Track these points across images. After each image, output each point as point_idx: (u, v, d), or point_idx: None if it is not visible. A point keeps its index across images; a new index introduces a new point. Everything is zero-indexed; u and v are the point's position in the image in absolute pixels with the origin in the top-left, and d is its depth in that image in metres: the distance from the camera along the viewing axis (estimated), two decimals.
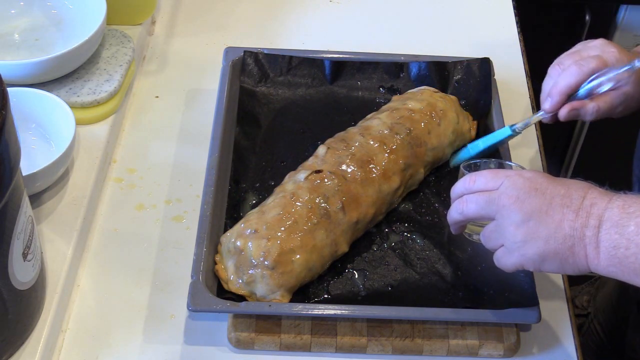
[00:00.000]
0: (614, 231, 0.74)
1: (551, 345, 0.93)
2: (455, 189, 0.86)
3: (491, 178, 0.81)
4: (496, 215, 0.80)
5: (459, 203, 0.84)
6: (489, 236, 0.83)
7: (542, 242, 0.77)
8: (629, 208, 0.74)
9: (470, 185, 0.83)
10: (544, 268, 0.79)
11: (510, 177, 0.80)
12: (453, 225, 0.89)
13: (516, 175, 0.80)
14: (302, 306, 0.88)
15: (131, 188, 1.05)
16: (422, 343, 0.90)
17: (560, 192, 0.77)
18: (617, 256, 0.74)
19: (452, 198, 0.87)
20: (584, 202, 0.76)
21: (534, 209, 0.77)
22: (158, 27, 1.27)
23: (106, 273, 0.97)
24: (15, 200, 0.78)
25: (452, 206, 0.86)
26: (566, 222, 0.76)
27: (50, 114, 1.02)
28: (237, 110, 1.09)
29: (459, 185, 0.86)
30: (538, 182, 0.78)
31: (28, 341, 0.87)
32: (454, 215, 0.86)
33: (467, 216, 0.84)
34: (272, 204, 0.93)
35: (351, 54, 1.15)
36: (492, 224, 0.82)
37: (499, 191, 0.80)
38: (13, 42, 1.14)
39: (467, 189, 0.84)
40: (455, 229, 0.89)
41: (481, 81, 1.11)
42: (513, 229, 0.78)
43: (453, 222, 0.87)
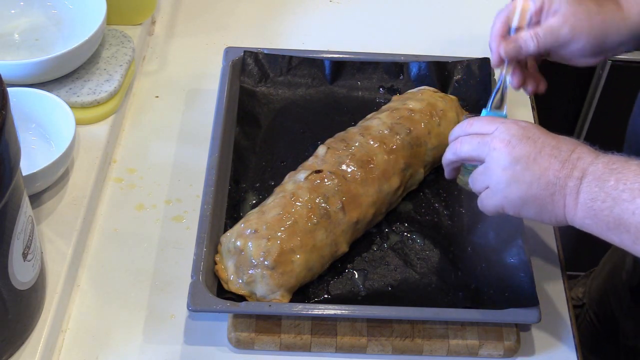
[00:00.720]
0: (595, 184, 0.76)
1: (551, 345, 0.93)
2: (453, 132, 0.88)
3: (487, 122, 0.84)
4: (486, 158, 0.82)
5: (454, 144, 0.86)
6: (477, 178, 0.85)
7: (525, 186, 0.79)
8: (612, 165, 0.76)
9: (466, 128, 0.85)
10: (522, 213, 0.81)
11: (505, 123, 0.82)
12: (447, 167, 0.90)
13: (511, 122, 0.82)
14: (302, 306, 0.88)
15: (131, 188, 1.05)
16: (422, 343, 0.90)
17: (551, 143, 0.79)
18: (593, 208, 0.76)
19: (449, 140, 0.89)
20: (571, 155, 0.78)
21: (522, 154, 0.79)
22: (158, 27, 1.27)
23: (106, 273, 0.97)
24: (15, 200, 0.78)
25: (448, 147, 0.88)
26: (551, 170, 0.78)
27: (50, 114, 1.02)
28: (237, 110, 1.09)
29: (456, 128, 0.88)
30: (531, 131, 0.81)
31: (28, 341, 0.87)
32: (448, 155, 0.88)
33: (460, 156, 0.86)
34: (272, 204, 0.93)
35: (351, 54, 1.15)
36: (481, 166, 0.84)
37: (493, 135, 0.82)
38: (13, 42, 1.14)
39: (463, 131, 0.86)
40: (449, 170, 0.91)
41: (481, 81, 1.11)
42: (500, 171, 0.81)
43: (447, 162, 0.89)
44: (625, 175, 0.74)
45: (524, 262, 0.92)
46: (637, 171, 0.74)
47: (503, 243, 0.95)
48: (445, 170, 0.92)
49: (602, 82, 1.78)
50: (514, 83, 0.97)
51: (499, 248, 0.96)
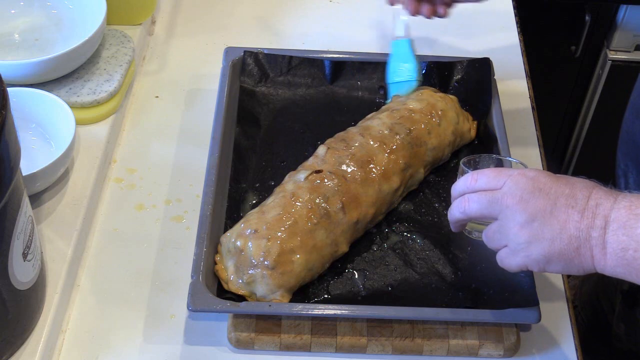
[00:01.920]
0: (622, 232, 0.73)
1: (551, 345, 0.93)
2: (457, 187, 0.85)
3: (494, 177, 0.80)
4: (499, 216, 0.79)
5: (461, 202, 0.83)
6: (492, 237, 0.82)
7: (547, 243, 0.76)
8: (636, 209, 0.73)
9: (472, 184, 0.82)
10: (549, 269, 0.78)
11: (513, 177, 0.79)
12: (454, 224, 0.88)
13: (519, 175, 0.79)
14: (302, 306, 0.88)
15: (131, 188, 1.05)
16: (422, 343, 0.90)
17: (565, 192, 0.76)
18: (625, 257, 0.73)
19: (453, 196, 0.86)
20: (589, 202, 0.75)
21: (538, 209, 0.76)
22: (158, 27, 1.27)
23: (106, 273, 0.97)
24: (15, 200, 0.78)
25: (454, 204, 0.85)
26: (571, 222, 0.75)
27: (50, 114, 1.02)
28: (237, 110, 1.09)
29: (460, 183, 0.84)
30: (542, 182, 0.78)
31: (28, 341, 0.87)
32: (456, 214, 0.85)
33: (469, 215, 0.83)
34: (272, 204, 0.93)
35: (351, 54, 1.15)
36: (495, 224, 0.81)
37: (502, 191, 0.79)
38: (13, 42, 1.14)
39: (469, 188, 0.83)
40: (456, 227, 0.89)
41: (481, 81, 1.11)
42: (517, 229, 0.78)
43: (454, 220, 0.87)
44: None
45: None
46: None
47: None
48: (452, 226, 0.89)
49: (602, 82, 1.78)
50: (409, 10, 1.03)
51: None
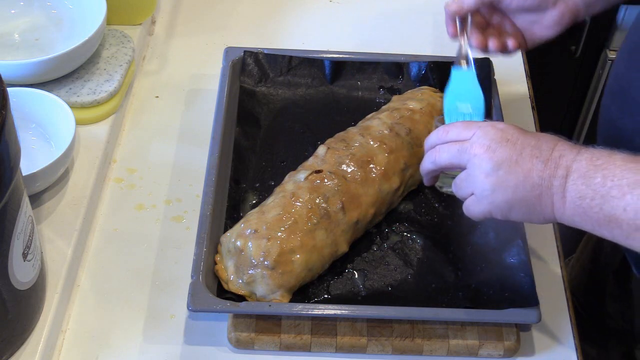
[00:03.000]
0: (581, 182, 0.75)
1: (551, 345, 0.93)
2: (429, 140, 0.87)
3: (464, 128, 0.82)
4: (467, 164, 0.81)
5: (432, 153, 0.85)
6: (460, 185, 0.84)
7: (511, 191, 0.79)
8: (596, 160, 0.75)
9: (443, 136, 0.84)
10: (511, 216, 0.81)
11: (483, 128, 0.81)
12: (426, 176, 0.90)
13: (489, 126, 0.81)
14: (302, 306, 0.88)
15: (131, 188, 1.05)
16: (422, 343, 0.90)
17: (531, 143, 0.79)
18: (582, 206, 0.75)
19: (426, 149, 0.87)
20: (553, 153, 0.78)
21: (504, 158, 0.79)
22: (158, 27, 1.27)
23: (106, 273, 0.97)
24: (15, 200, 0.78)
25: (425, 156, 0.87)
26: (535, 171, 0.78)
27: (50, 114, 1.02)
28: (237, 110, 1.09)
29: (432, 136, 0.86)
30: (509, 133, 0.80)
31: (28, 341, 0.87)
32: (427, 165, 0.86)
33: (439, 165, 0.85)
34: (272, 204, 0.93)
35: (351, 54, 1.15)
36: (463, 173, 0.83)
37: (471, 141, 0.81)
38: (13, 42, 1.14)
39: (440, 139, 0.85)
40: (428, 179, 0.90)
41: (481, 81, 1.11)
42: (483, 177, 0.80)
43: (426, 172, 0.88)
44: (611, 171, 0.74)
45: (524, 262, 0.92)
46: (622, 166, 0.74)
47: (503, 243, 0.95)
48: (424, 179, 0.91)
49: (602, 82, 1.78)
50: (473, 43, 0.98)
51: (499, 248, 0.96)
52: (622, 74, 0.96)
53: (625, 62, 0.96)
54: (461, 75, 0.99)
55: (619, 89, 0.97)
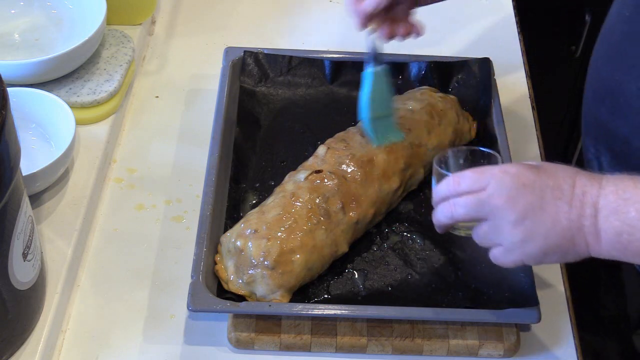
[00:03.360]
0: (614, 219, 0.74)
1: (551, 345, 0.93)
2: (439, 192, 0.84)
3: (477, 179, 0.80)
4: (489, 216, 0.79)
5: (447, 207, 0.83)
6: (484, 237, 0.82)
7: (542, 239, 0.77)
8: (623, 193, 0.74)
9: (455, 188, 0.81)
10: (545, 261, 0.79)
11: (496, 176, 0.79)
12: (440, 228, 0.87)
13: (502, 173, 0.79)
14: (302, 306, 0.88)
15: (131, 188, 1.05)
16: (422, 343, 0.90)
17: (549, 184, 0.77)
18: (620, 242, 0.74)
19: (435, 200, 0.85)
20: (575, 191, 0.76)
21: (527, 206, 0.77)
22: (158, 27, 1.27)
23: (106, 273, 0.97)
24: (15, 200, 0.78)
25: (438, 209, 0.84)
26: (562, 214, 0.76)
27: (50, 114, 1.02)
28: (237, 110, 1.09)
29: (442, 188, 0.83)
30: (525, 177, 0.78)
31: (28, 341, 0.87)
32: (442, 219, 0.84)
33: (457, 220, 0.83)
34: (272, 204, 0.93)
35: (351, 54, 1.15)
36: (485, 225, 0.81)
37: (488, 192, 0.79)
38: (13, 42, 1.14)
39: (452, 192, 0.82)
40: (442, 230, 0.88)
41: (481, 81, 1.11)
42: (510, 228, 0.78)
43: (440, 225, 0.86)
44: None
45: None
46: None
47: None
48: (438, 230, 0.88)
49: None
50: (384, 35, 0.96)
51: None
52: (608, 77, 0.95)
53: (609, 65, 0.95)
54: (374, 75, 0.97)
55: (607, 92, 0.96)
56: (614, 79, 0.95)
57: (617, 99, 0.94)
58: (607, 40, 0.98)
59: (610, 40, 0.96)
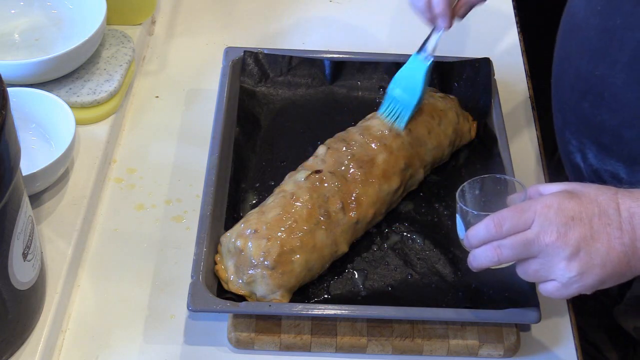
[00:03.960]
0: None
1: (551, 345, 0.93)
2: (477, 235, 0.81)
3: (518, 218, 0.78)
4: (539, 255, 0.78)
5: (490, 251, 0.80)
6: (534, 275, 0.80)
7: (599, 269, 0.76)
8: None
9: (497, 231, 0.79)
10: (603, 287, 0.78)
11: (539, 212, 0.77)
12: (478, 269, 0.84)
13: (544, 208, 0.77)
14: (302, 306, 0.88)
15: (131, 188, 1.05)
16: (422, 343, 0.90)
17: (595, 211, 0.76)
18: None
19: (472, 244, 0.82)
20: (621, 214, 0.75)
21: (579, 239, 0.75)
22: (158, 27, 1.27)
23: (106, 273, 0.97)
24: (15, 200, 0.78)
25: (480, 253, 0.81)
26: (615, 240, 0.75)
27: (50, 114, 1.02)
28: (237, 110, 1.09)
29: (481, 232, 0.81)
30: (568, 209, 0.76)
31: (28, 341, 0.87)
32: (486, 262, 0.81)
33: (503, 262, 0.81)
34: (272, 204, 0.93)
35: (351, 54, 1.15)
36: (534, 263, 0.79)
37: (534, 231, 0.77)
38: (13, 42, 1.14)
39: (494, 235, 0.80)
40: (480, 270, 0.85)
41: (481, 81, 1.11)
42: (564, 264, 0.76)
43: (483, 268, 0.83)
44: None
45: None
46: None
47: None
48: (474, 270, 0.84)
49: None
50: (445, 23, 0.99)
51: None
52: (588, 73, 0.95)
53: (588, 61, 0.95)
54: (416, 63, 1.02)
55: (588, 87, 0.95)
56: (594, 74, 0.94)
57: (602, 94, 0.94)
58: (578, 35, 0.97)
59: (584, 36, 0.96)
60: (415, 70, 1.01)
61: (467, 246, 0.84)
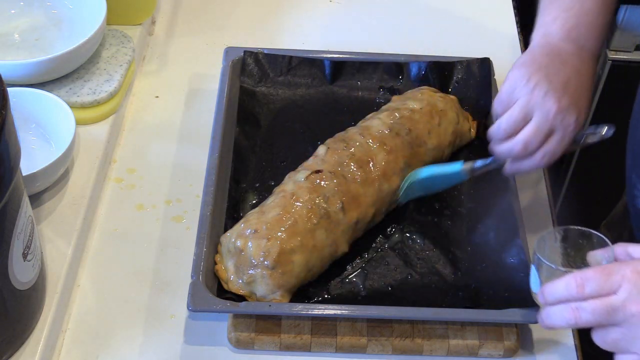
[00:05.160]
0: None
1: (551, 345, 0.93)
2: (555, 294, 0.76)
3: (604, 281, 0.73)
4: (623, 324, 0.73)
5: (568, 313, 0.75)
6: (614, 344, 0.75)
7: None
8: None
9: (578, 291, 0.74)
10: None
11: (628, 277, 0.72)
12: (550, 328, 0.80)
13: (634, 274, 0.72)
14: (302, 306, 0.88)
15: (131, 188, 1.05)
16: (422, 343, 0.90)
17: None
18: None
19: (549, 300, 0.78)
20: None
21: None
22: (158, 27, 1.27)
23: (106, 273, 0.97)
24: (15, 200, 0.78)
25: (556, 313, 0.77)
26: None
27: (50, 114, 1.02)
28: (237, 110, 1.09)
29: (560, 290, 0.76)
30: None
31: (28, 341, 0.87)
32: (560, 323, 0.77)
33: (580, 326, 0.76)
34: (272, 204, 0.93)
35: (351, 54, 1.15)
36: (616, 332, 0.74)
37: (621, 298, 0.72)
38: (13, 42, 1.14)
39: (574, 295, 0.74)
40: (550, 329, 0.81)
41: (481, 81, 1.11)
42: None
43: (555, 329, 0.80)
44: None
45: (524, 262, 0.92)
46: None
47: (503, 243, 0.95)
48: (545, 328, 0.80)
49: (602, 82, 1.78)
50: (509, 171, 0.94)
51: (498, 248, 0.96)
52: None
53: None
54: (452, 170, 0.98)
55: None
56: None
57: None
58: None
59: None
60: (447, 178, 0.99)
61: (542, 302, 0.80)
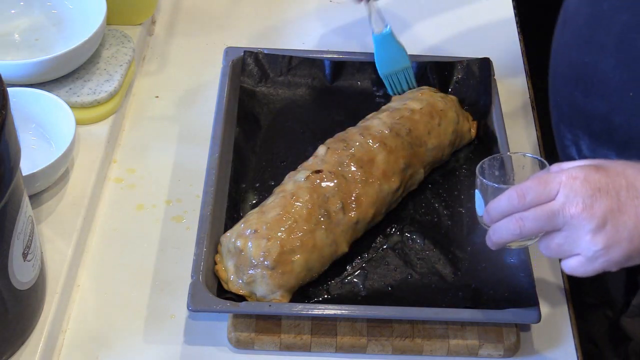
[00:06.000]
0: None
1: (551, 345, 0.93)
2: (499, 208, 0.79)
3: (543, 189, 0.76)
4: (563, 227, 0.75)
5: (512, 223, 0.77)
6: (557, 249, 0.77)
7: (626, 243, 0.74)
8: None
9: (520, 202, 0.77)
10: (628, 264, 0.76)
11: (565, 183, 0.75)
12: (498, 245, 0.82)
13: (571, 179, 0.75)
14: (302, 306, 0.88)
15: (131, 188, 1.05)
16: (422, 343, 0.90)
17: (622, 184, 0.74)
18: None
19: (493, 217, 0.80)
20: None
21: (605, 211, 0.73)
22: (158, 27, 1.27)
23: (106, 273, 0.97)
24: (15, 200, 0.78)
25: (501, 226, 0.79)
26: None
27: (50, 114, 1.02)
28: (237, 110, 1.09)
29: (503, 204, 0.78)
30: (595, 180, 0.74)
31: (28, 341, 0.87)
32: (507, 236, 0.79)
33: (525, 236, 0.78)
34: (272, 204, 0.93)
35: (351, 54, 1.15)
36: (557, 237, 0.76)
37: (559, 201, 0.75)
38: (13, 42, 1.14)
39: (516, 207, 0.77)
40: (499, 247, 0.83)
41: (481, 81, 1.11)
42: (590, 237, 0.74)
43: (503, 242, 0.81)
44: None
45: (524, 262, 0.92)
46: None
47: None
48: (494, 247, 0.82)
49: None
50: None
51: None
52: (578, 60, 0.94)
53: (578, 49, 0.94)
54: (381, 38, 1.11)
55: (579, 75, 0.95)
56: (584, 61, 0.94)
57: (591, 80, 0.93)
58: (570, 25, 0.97)
59: (574, 25, 0.96)
60: (386, 43, 1.11)
61: (487, 221, 0.82)
